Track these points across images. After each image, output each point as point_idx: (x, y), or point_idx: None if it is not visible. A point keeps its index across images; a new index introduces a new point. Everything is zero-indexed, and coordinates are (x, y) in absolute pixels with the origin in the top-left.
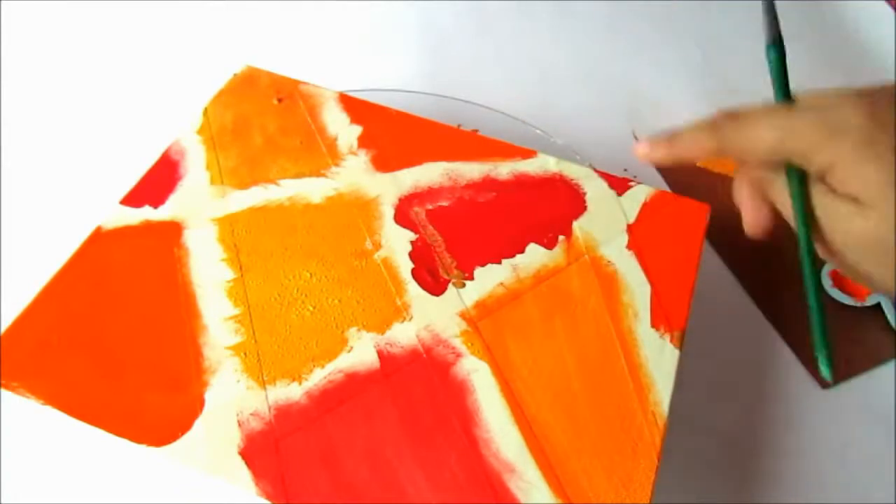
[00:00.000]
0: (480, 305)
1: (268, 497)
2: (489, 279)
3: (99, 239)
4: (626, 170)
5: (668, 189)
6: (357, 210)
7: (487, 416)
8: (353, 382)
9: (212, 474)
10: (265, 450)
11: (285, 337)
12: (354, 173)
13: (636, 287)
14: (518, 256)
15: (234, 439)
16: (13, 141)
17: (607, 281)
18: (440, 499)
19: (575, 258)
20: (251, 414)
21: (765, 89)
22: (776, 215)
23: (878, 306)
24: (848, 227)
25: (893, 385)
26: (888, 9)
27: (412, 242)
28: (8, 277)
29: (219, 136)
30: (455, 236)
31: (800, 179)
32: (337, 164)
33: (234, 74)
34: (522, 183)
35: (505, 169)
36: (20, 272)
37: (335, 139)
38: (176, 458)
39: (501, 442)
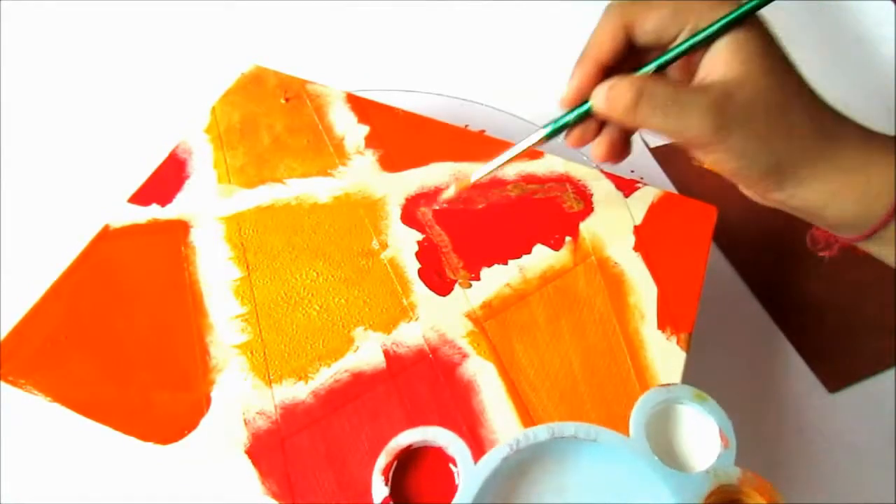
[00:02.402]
0: (487, 306)
1: (273, 496)
2: (495, 280)
3: (106, 237)
4: (633, 171)
5: (675, 190)
6: (364, 210)
7: (493, 416)
8: (359, 382)
9: (218, 473)
10: (271, 449)
11: (292, 336)
12: (361, 173)
13: (643, 289)
14: (524, 257)
15: (241, 438)
16: (21, 139)
17: (614, 282)
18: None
19: (581, 259)
20: (257, 413)
21: None
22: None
23: None
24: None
25: None
26: (892, 8)
27: (419, 242)
28: (15, 275)
29: (226, 135)
30: (462, 237)
31: None
32: (344, 164)
33: (242, 73)
34: (529, 184)
35: (512, 170)
36: (27, 270)
37: (342, 139)
38: (182, 457)
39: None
